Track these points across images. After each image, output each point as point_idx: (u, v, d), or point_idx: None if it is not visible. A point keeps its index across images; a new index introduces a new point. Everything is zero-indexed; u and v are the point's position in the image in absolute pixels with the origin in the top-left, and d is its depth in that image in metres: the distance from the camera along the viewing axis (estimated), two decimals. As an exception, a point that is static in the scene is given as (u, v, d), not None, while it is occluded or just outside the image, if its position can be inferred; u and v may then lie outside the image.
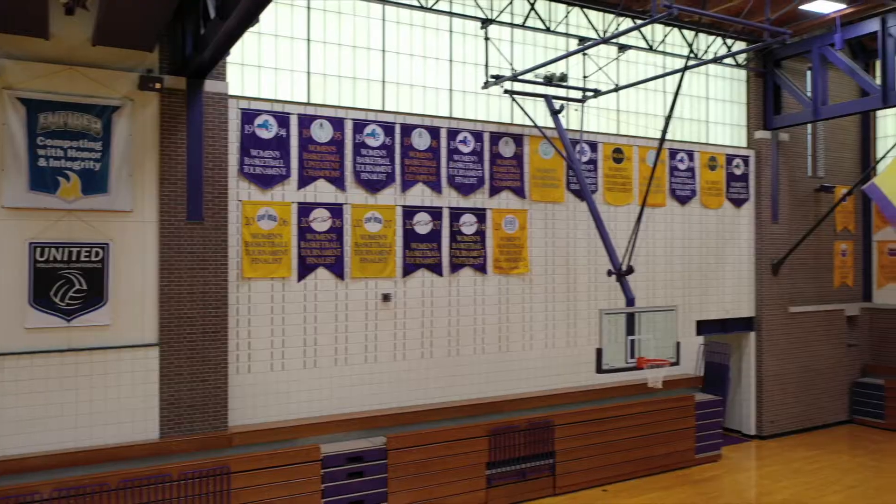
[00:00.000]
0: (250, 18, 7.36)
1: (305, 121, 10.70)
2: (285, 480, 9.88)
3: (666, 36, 14.24)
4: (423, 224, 11.64)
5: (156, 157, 9.49)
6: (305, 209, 10.70)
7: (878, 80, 13.71)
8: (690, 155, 14.75)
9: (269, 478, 9.80)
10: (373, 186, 11.22)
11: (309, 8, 10.90)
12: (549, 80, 12.47)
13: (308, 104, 10.81)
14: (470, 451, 11.30)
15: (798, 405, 16.11)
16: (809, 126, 16.58)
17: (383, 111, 11.42)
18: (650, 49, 13.96)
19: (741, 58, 15.49)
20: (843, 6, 13.25)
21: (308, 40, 10.88)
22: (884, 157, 16.07)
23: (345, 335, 11.03)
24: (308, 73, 10.89)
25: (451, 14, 11.98)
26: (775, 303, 15.75)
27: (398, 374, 11.47)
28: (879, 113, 17.31)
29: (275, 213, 10.46)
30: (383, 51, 11.51)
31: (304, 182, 10.70)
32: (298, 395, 10.68)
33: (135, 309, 9.32)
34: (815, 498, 11.90)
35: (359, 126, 11.12)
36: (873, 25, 13.70)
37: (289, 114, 10.60)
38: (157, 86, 9.30)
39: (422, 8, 11.65)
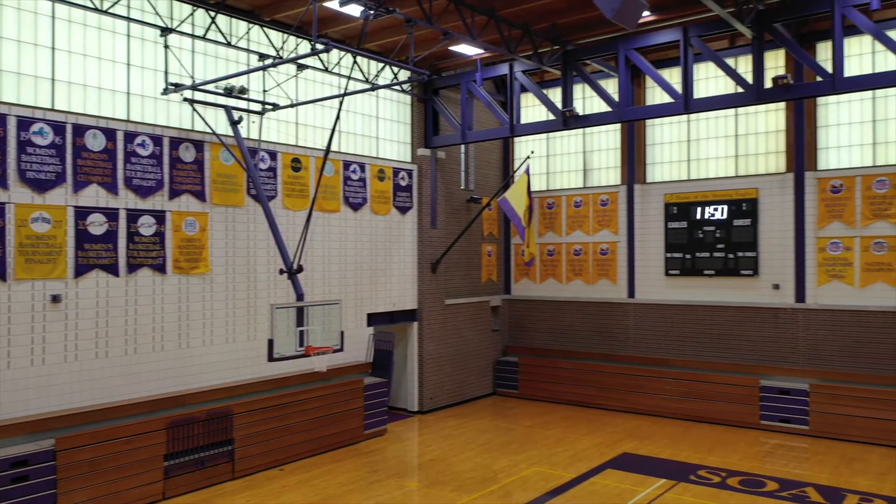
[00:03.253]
0: None
1: (-40, 115, 10.20)
2: (-66, 493, 9.40)
3: (341, 59, 15.94)
4: (97, 225, 11.71)
5: None
6: (-40, 207, 10.19)
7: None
8: (362, 167, 16.66)
9: (-86, 492, 9.25)
10: (40, 186, 11.02)
11: (-36, -4, 10.39)
12: (229, 92, 13.31)
13: (-37, 97, 10.30)
14: (147, 445, 11.67)
15: (452, 383, 19.02)
16: (463, 146, 19.65)
17: (53, 110, 11.26)
18: (326, 70, 15.52)
19: (406, 84, 17.84)
20: (480, 51, 16.11)
21: (-37, 30, 10.37)
22: (513, 174, 19.70)
23: (7, 338, 10.69)
24: (-37, 64, 10.37)
25: (128, 19, 12.18)
26: (434, 296, 18.43)
27: (70, 375, 11.39)
28: (516, 138, 21.09)
29: (-79, 211, 9.81)
30: (53, 48, 11.35)
31: (-42, 179, 10.18)
32: (-49, 403, 10.14)
33: None
34: (455, 455, 14.45)
35: (24, 124, 10.85)
36: (505, 69, 16.88)
37: (-61, 106, 10.02)
38: None
39: (96, 10, 11.69)
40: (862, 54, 15.57)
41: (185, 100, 12.93)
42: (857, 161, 15.94)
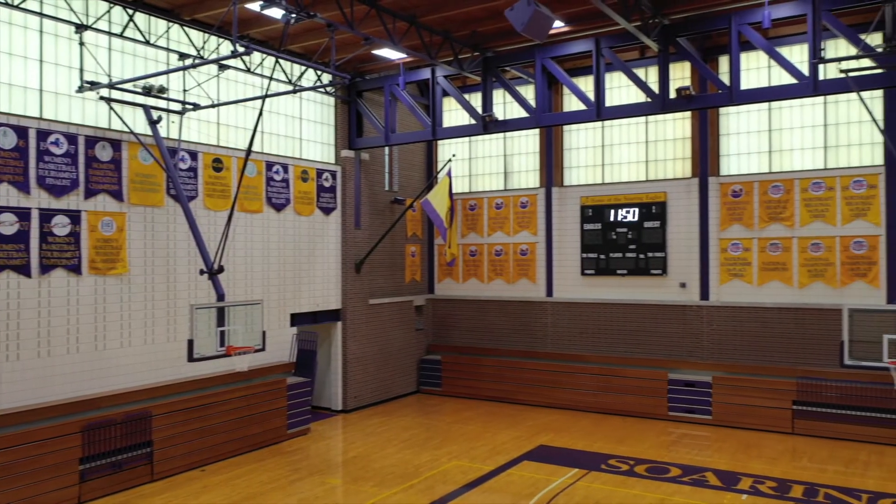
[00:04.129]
0: None
1: None
2: None
3: (263, 60, 15.96)
4: (8, 225, 11.43)
5: None
6: None
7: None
8: (285, 167, 16.72)
9: None
10: (-53, 184, 10.72)
11: None
12: (148, 91, 13.18)
13: None
14: (61, 448, 11.47)
15: (376, 381, 19.28)
16: (387, 148, 19.92)
17: (-40, 106, 10.97)
18: (248, 71, 15.52)
19: (329, 87, 17.97)
20: (403, 55, 16.43)
21: None
22: (435, 176, 20.12)
23: (-90, 342, 10.35)
24: None
25: (41, 15, 11.93)
26: (358, 296, 18.65)
27: (-22, 379, 11.12)
28: (440, 141, 21.52)
29: None
30: (-40, 43, 11.05)
31: None
32: None
33: None
34: (378, 451, 14.72)
35: (-71, 120, 10.53)
36: (428, 74, 17.25)
37: None
38: None
39: (7, 5, 11.42)
40: (759, 68, 16.69)
41: (102, 98, 12.75)
42: (756, 167, 17.06)
